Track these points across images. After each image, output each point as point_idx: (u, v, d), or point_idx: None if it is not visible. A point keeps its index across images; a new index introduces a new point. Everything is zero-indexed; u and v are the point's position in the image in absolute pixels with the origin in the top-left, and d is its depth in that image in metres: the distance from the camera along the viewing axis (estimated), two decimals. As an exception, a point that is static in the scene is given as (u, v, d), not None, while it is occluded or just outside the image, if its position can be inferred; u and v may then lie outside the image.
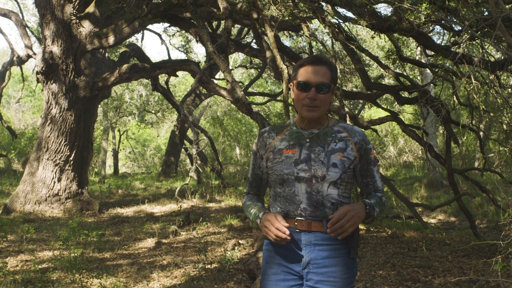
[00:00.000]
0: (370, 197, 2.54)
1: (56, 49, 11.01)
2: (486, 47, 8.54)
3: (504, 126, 8.73)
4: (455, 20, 7.83)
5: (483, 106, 8.70)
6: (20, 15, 15.22)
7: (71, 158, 11.55)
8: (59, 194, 11.30)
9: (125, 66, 11.93)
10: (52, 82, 11.16)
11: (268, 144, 2.60)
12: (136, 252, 7.63)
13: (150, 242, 8.31)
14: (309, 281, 2.44)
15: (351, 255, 2.46)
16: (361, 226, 9.27)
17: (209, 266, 6.50)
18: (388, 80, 21.00)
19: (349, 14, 11.43)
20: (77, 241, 7.61)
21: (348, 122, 9.06)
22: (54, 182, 11.26)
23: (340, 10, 10.27)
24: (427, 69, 12.55)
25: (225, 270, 6.29)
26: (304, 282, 2.46)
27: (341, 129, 2.56)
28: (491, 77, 8.64)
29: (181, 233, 9.03)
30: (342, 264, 2.44)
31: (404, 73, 11.17)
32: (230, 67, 18.01)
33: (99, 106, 18.24)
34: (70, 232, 6.78)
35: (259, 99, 24.17)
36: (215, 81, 15.13)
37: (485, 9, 7.56)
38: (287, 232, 2.33)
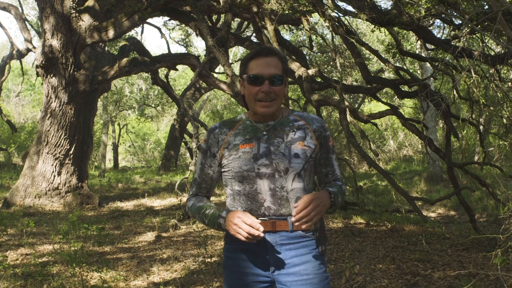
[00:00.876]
0: (331, 185, 2.42)
1: (55, 42, 10.99)
2: (486, 41, 8.53)
3: (504, 120, 8.74)
4: (455, 13, 7.82)
5: (483, 100, 8.71)
6: (20, 8, 15.20)
7: (71, 152, 11.55)
8: (59, 188, 11.32)
9: (125, 60, 11.92)
10: (51, 76, 11.14)
11: (221, 140, 2.40)
12: (136, 246, 7.64)
13: (150, 236, 8.32)
14: (282, 284, 2.29)
15: (319, 251, 2.34)
16: (360, 220, 9.28)
17: (209, 259, 6.51)
18: (388, 74, 20.98)
19: (349, 8, 11.41)
20: (77, 235, 7.60)
21: (348, 116, 9.05)
22: (54, 176, 11.27)
23: (340, 3, 10.25)
24: (427, 63, 12.54)
25: (225, 263, 6.29)
26: (278, 286, 2.32)
27: (297, 117, 2.44)
28: (491, 71, 8.62)
29: (181, 227, 9.04)
30: (313, 260, 2.31)
31: (404, 67, 11.16)
32: (230, 61, 17.99)
33: (99, 100, 18.24)
34: (70, 226, 6.77)
35: (258, 93, 24.13)
36: (215, 75, 15.13)
37: (485, 3, 7.55)
38: (261, 228, 2.13)
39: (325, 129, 2.43)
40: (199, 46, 56.16)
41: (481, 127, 10.09)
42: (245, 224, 2.14)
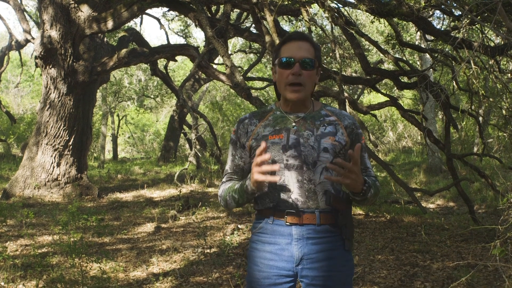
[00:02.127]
0: (367, 177, 2.33)
1: (54, 33, 10.96)
2: (486, 32, 8.49)
3: (504, 111, 8.72)
4: (455, 4, 7.80)
5: (483, 91, 8.68)
6: (18, -1, 15.11)
7: (70, 143, 11.54)
8: (59, 179, 11.32)
9: (124, 51, 11.88)
10: (50, 66, 11.12)
11: (250, 131, 2.39)
12: (135, 236, 7.65)
13: (149, 227, 8.33)
14: (304, 278, 2.27)
15: (345, 247, 2.31)
16: (359, 211, 9.29)
17: (208, 250, 6.52)
18: (388, 65, 20.95)
19: (349, -1, 11.36)
20: (77, 226, 7.63)
21: (347, 107, 9.04)
22: (53, 167, 11.26)
23: (340, -6, 10.19)
24: (427, 54, 12.51)
25: (224, 254, 6.32)
26: (300, 279, 2.30)
27: (329, 112, 2.39)
28: (490, 62, 8.61)
29: (180, 218, 9.05)
30: (337, 256, 2.29)
31: (404, 58, 11.15)
32: (229, 52, 17.94)
33: (98, 91, 18.20)
34: (69, 216, 6.78)
35: (258, 84, 24.08)
36: (214, 66, 15.08)
37: (485, -6, 7.51)
38: (276, 167, 2.05)
39: (357, 126, 2.38)
40: (198, 37, 56.10)
41: (480, 118, 10.08)
42: (256, 168, 2.07)
